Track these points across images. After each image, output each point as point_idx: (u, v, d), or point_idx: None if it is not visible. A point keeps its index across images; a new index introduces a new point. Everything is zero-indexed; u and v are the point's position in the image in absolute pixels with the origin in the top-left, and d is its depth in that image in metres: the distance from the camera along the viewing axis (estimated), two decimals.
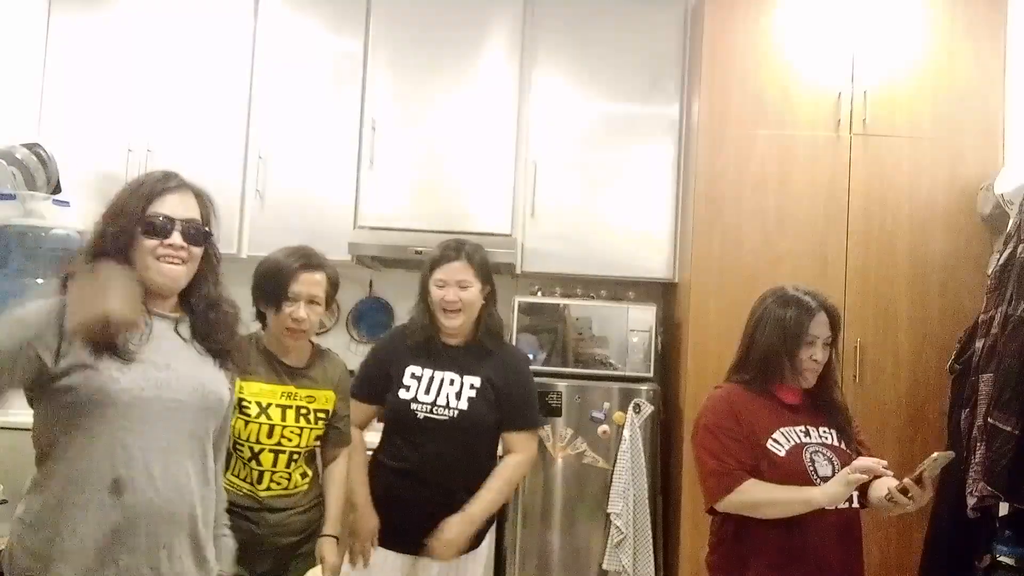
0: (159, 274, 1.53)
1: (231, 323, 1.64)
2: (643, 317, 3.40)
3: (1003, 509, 2.58)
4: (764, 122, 3.19)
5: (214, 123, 3.56)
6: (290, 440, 2.07)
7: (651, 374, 3.38)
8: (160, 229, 1.53)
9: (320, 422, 2.12)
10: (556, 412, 3.22)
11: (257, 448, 2.04)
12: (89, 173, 3.54)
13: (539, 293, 3.55)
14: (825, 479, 1.93)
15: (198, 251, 1.58)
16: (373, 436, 3.03)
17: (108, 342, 1.40)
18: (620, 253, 3.51)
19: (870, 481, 1.91)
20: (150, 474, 1.46)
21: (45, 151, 3.43)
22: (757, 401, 2.01)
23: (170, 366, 1.52)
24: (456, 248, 2.25)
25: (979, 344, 2.61)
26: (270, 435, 2.04)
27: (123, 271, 1.41)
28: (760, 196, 3.17)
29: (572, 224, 3.51)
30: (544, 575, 3.20)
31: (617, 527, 3.11)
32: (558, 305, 3.44)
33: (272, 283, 2.06)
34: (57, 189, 3.46)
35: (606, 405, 3.24)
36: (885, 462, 1.86)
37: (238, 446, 2.04)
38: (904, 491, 1.82)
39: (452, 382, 2.22)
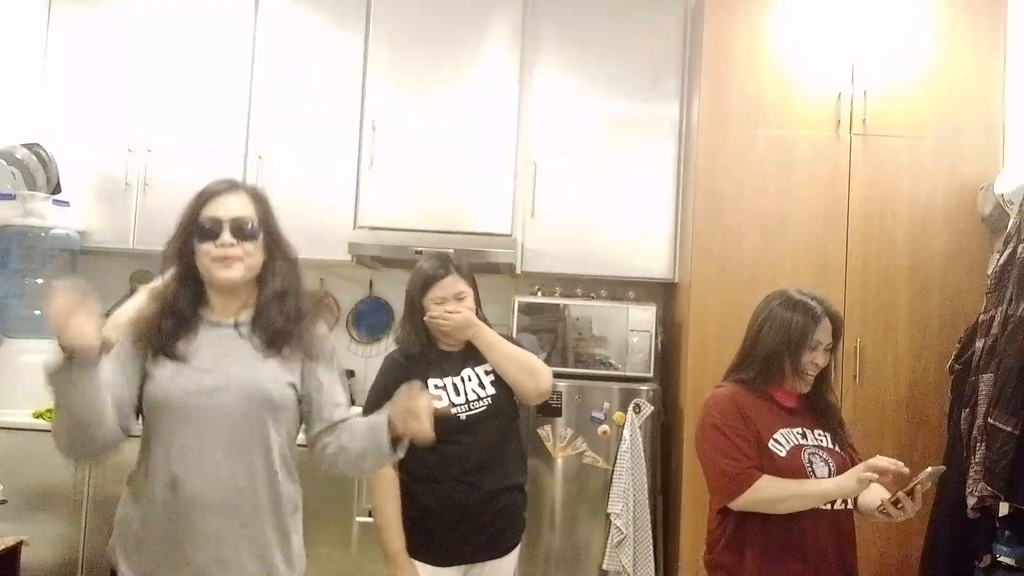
0: (215, 277, 1.60)
1: (293, 314, 1.65)
2: (643, 317, 3.40)
3: (1003, 509, 2.58)
4: (764, 122, 3.19)
5: (214, 123, 3.56)
6: None
7: (651, 374, 3.38)
8: (210, 231, 1.60)
9: None
10: (556, 412, 3.22)
11: None
12: (89, 173, 3.55)
13: (539, 293, 3.55)
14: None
15: (252, 246, 1.61)
16: None
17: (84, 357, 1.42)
18: (620, 253, 3.51)
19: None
20: (204, 472, 1.55)
21: (45, 151, 3.43)
22: (758, 402, 2.02)
23: (217, 370, 1.58)
24: (444, 264, 2.29)
25: (979, 344, 2.61)
26: None
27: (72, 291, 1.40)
28: (760, 196, 3.17)
29: (572, 224, 3.50)
30: (544, 575, 3.20)
31: (617, 527, 3.11)
32: (558, 305, 3.44)
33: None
34: (57, 189, 3.46)
35: (606, 405, 3.24)
36: (901, 463, 1.85)
37: None
38: (895, 502, 1.83)
39: (470, 378, 2.28)
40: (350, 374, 3.76)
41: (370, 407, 2.26)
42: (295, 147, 3.55)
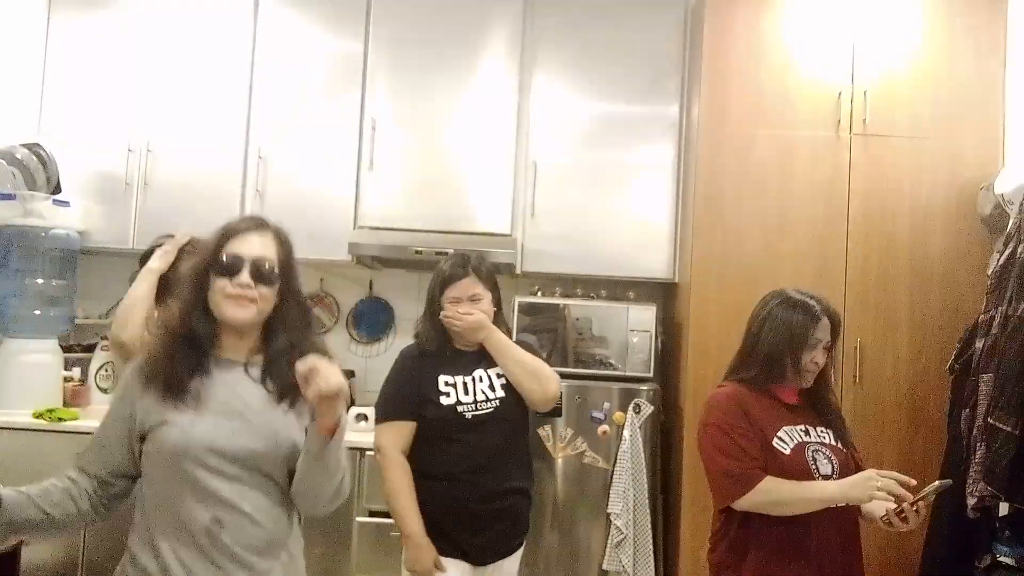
0: (225, 315, 1.57)
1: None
2: (643, 317, 3.40)
3: (1003, 509, 2.58)
4: (764, 122, 3.19)
5: (214, 123, 3.56)
6: None
7: (651, 374, 3.38)
8: (228, 268, 1.57)
9: None
10: (556, 412, 3.22)
11: None
12: (89, 173, 3.55)
13: (539, 293, 3.55)
14: (826, 477, 1.97)
15: (268, 291, 1.58)
16: None
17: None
18: (620, 253, 3.51)
19: None
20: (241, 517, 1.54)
21: (45, 151, 3.43)
22: (760, 400, 2.03)
23: (242, 414, 1.56)
24: (463, 264, 2.32)
25: (979, 344, 2.61)
26: None
27: None
28: (760, 196, 3.17)
29: (572, 224, 3.50)
30: (544, 575, 3.20)
31: (617, 527, 3.11)
32: (558, 305, 3.44)
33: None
34: (57, 189, 3.46)
35: (606, 405, 3.24)
36: (915, 482, 1.84)
37: None
38: (900, 513, 1.83)
39: (481, 379, 2.30)
40: (350, 374, 3.77)
41: (384, 399, 2.33)
42: (295, 147, 3.55)
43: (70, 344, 3.58)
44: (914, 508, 1.82)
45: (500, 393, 2.29)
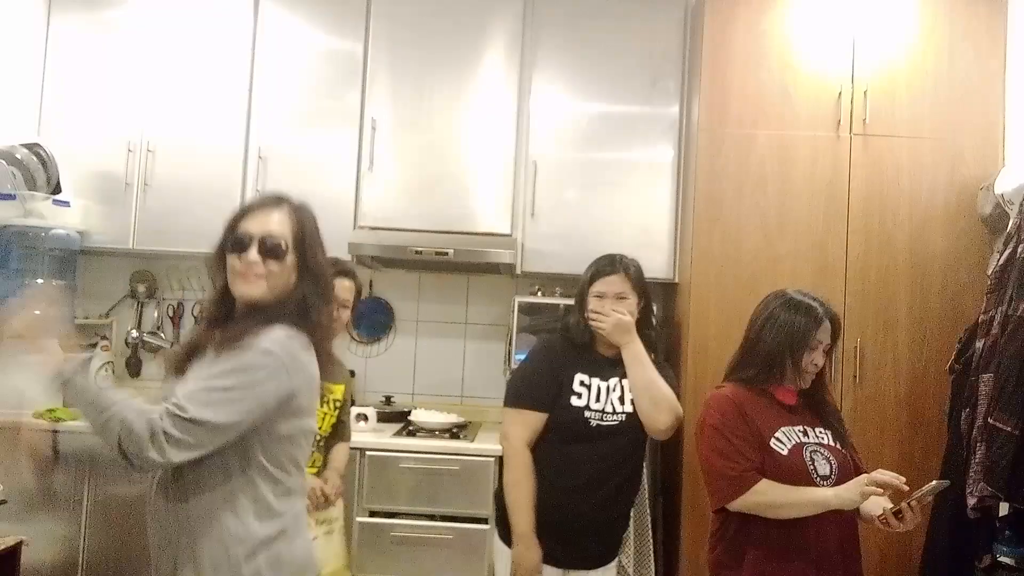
0: (236, 292, 1.58)
1: (312, 332, 1.61)
2: None
3: (1003, 509, 2.58)
4: (764, 122, 3.19)
5: (214, 123, 3.56)
6: (320, 427, 2.28)
7: None
8: (238, 244, 1.58)
9: (336, 410, 2.40)
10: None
11: None
12: (89, 173, 3.54)
13: (539, 293, 3.55)
14: (824, 478, 1.97)
15: (277, 266, 1.58)
16: (370, 437, 3.03)
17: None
18: (620, 253, 3.49)
19: None
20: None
21: (45, 151, 3.43)
22: (759, 401, 2.03)
23: None
24: (612, 262, 2.32)
25: (979, 344, 2.61)
26: None
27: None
28: (760, 196, 3.17)
29: (572, 224, 3.50)
30: None
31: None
32: (558, 305, 3.44)
33: None
34: (57, 189, 3.46)
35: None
36: (904, 478, 1.86)
37: None
38: (897, 513, 1.83)
39: (615, 388, 2.27)
40: (350, 374, 3.76)
41: (519, 382, 2.32)
42: (295, 147, 3.56)
43: None
44: (911, 507, 1.82)
45: (629, 408, 2.25)
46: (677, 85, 3.54)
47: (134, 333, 3.79)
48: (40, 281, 3.35)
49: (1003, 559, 2.51)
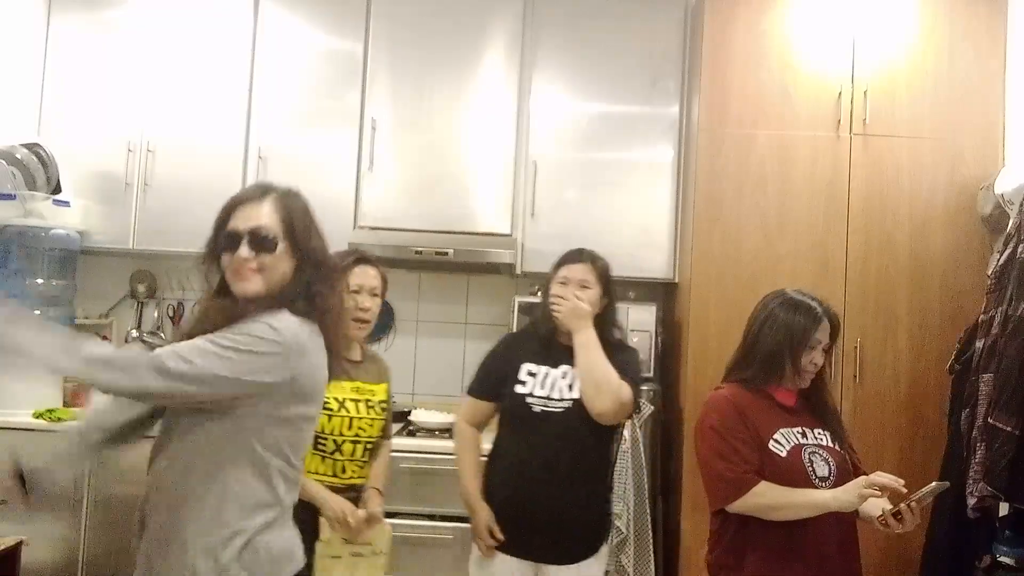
0: (234, 290, 1.57)
1: (320, 317, 1.60)
2: (643, 317, 3.40)
3: (1003, 509, 2.58)
4: (764, 122, 3.19)
5: (214, 123, 3.56)
6: (364, 431, 2.22)
7: (651, 374, 3.38)
8: (228, 243, 1.57)
9: (384, 412, 2.30)
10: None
11: (340, 440, 2.18)
12: (89, 173, 3.54)
13: (539, 293, 3.53)
14: (823, 479, 1.96)
15: (269, 258, 1.56)
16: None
17: None
18: (620, 253, 3.46)
19: None
20: None
21: (45, 151, 3.43)
22: (758, 402, 2.03)
23: None
24: (580, 252, 2.39)
25: (979, 344, 2.61)
26: (350, 427, 2.19)
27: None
28: (760, 196, 3.17)
29: (572, 224, 3.50)
30: None
31: (617, 527, 3.11)
32: None
33: None
34: (57, 189, 3.46)
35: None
36: (902, 481, 1.86)
37: (320, 441, 2.15)
38: (896, 514, 1.83)
39: (565, 375, 2.30)
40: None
41: (475, 374, 2.45)
42: (295, 147, 3.55)
43: None
44: (910, 509, 1.82)
45: (575, 395, 2.26)
46: (677, 85, 3.54)
47: (134, 333, 3.79)
48: (40, 281, 3.35)
49: (1003, 559, 2.51)
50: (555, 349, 2.33)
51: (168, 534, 1.51)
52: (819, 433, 2.04)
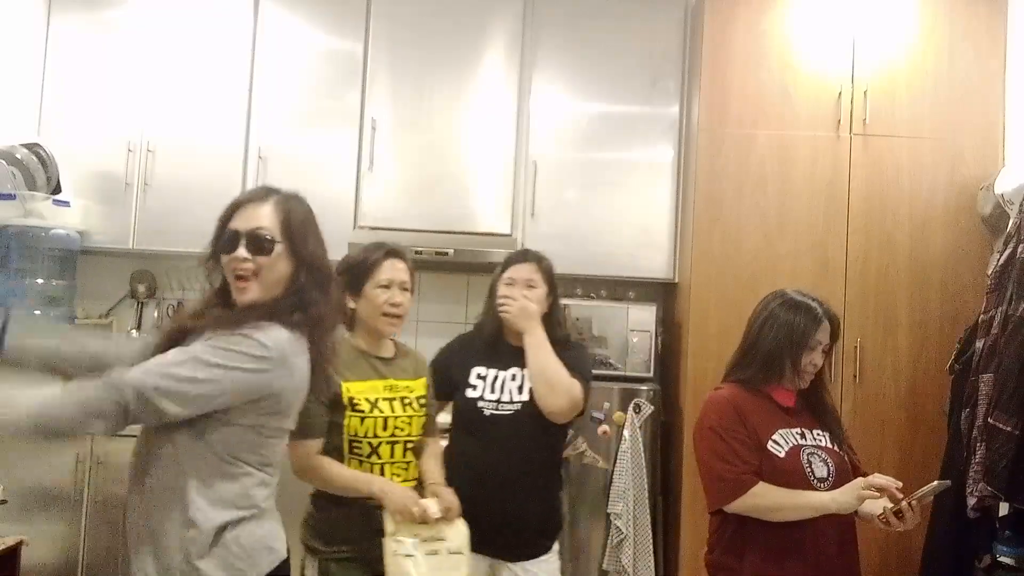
0: (235, 297, 1.57)
1: (311, 327, 1.59)
2: (643, 317, 3.40)
3: (1003, 509, 2.58)
4: (764, 122, 3.19)
5: (214, 123, 3.56)
6: (402, 430, 2.10)
7: (651, 374, 3.38)
8: (226, 245, 1.57)
9: (422, 408, 2.17)
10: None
11: (375, 442, 2.06)
12: (89, 173, 3.54)
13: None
14: (821, 480, 1.96)
15: (266, 260, 1.56)
16: None
17: None
18: (620, 253, 3.50)
19: None
20: None
21: (45, 151, 3.43)
22: (757, 402, 2.02)
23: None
24: (525, 252, 2.41)
25: (979, 344, 2.61)
26: (385, 427, 2.07)
27: None
28: (760, 196, 3.17)
29: (572, 224, 3.50)
30: None
31: (617, 527, 3.11)
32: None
33: (359, 272, 2.16)
34: (57, 189, 3.46)
35: (606, 405, 3.24)
36: (900, 484, 1.86)
37: (355, 445, 2.05)
38: (898, 513, 1.83)
39: (515, 377, 2.30)
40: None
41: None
42: (295, 147, 3.56)
43: None
44: (911, 507, 1.82)
45: (525, 397, 2.27)
46: (677, 85, 3.54)
47: (134, 333, 3.79)
48: (40, 281, 3.35)
49: (1003, 559, 2.51)
50: (503, 351, 2.34)
51: (142, 533, 1.52)
52: (818, 434, 2.04)
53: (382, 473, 2.06)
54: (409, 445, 2.12)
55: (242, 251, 1.55)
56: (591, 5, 3.58)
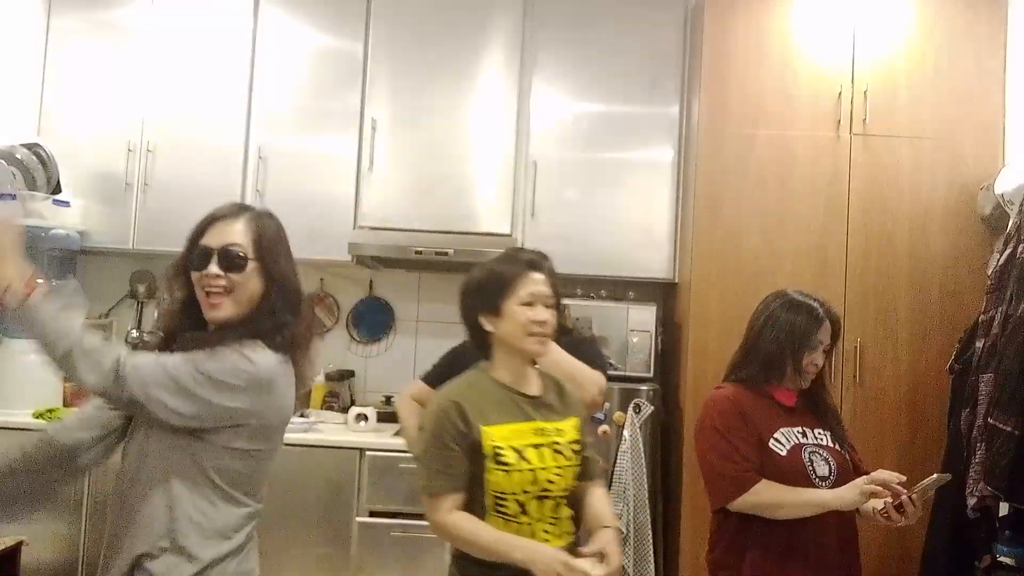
0: (205, 315, 1.56)
1: (291, 348, 1.58)
2: (643, 317, 3.40)
3: (1003, 509, 2.58)
4: (764, 122, 3.19)
5: (214, 123, 3.56)
6: (554, 483, 1.76)
7: (651, 374, 3.38)
8: (198, 261, 1.56)
9: (576, 456, 1.82)
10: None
11: (524, 499, 1.74)
12: (89, 173, 3.54)
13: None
14: (823, 478, 1.97)
15: (239, 277, 1.54)
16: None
17: None
18: (620, 253, 3.50)
19: None
20: None
21: (45, 151, 3.43)
22: (758, 401, 2.03)
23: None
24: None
25: (979, 344, 2.61)
26: (534, 482, 1.74)
27: None
28: (760, 196, 3.17)
29: (572, 224, 3.50)
30: None
31: (617, 527, 3.11)
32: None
33: (495, 289, 1.83)
34: (57, 189, 3.46)
35: (606, 405, 3.23)
36: (904, 477, 1.86)
37: (500, 503, 1.73)
38: (899, 507, 1.84)
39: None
40: (350, 374, 3.77)
41: (437, 370, 2.43)
42: (295, 147, 3.55)
43: None
44: (911, 500, 1.82)
45: None
46: (677, 85, 3.54)
47: (134, 333, 3.79)
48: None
49: (1003, 559, 2.51)
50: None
51: (117, 543, 1.52)
52: (819, 433, 2.05)
53: (533, 534, 1.74)
54: (562, 501, 1.80)
55: (214, 267, 1.54)
56: (591, 5, 3.58)
